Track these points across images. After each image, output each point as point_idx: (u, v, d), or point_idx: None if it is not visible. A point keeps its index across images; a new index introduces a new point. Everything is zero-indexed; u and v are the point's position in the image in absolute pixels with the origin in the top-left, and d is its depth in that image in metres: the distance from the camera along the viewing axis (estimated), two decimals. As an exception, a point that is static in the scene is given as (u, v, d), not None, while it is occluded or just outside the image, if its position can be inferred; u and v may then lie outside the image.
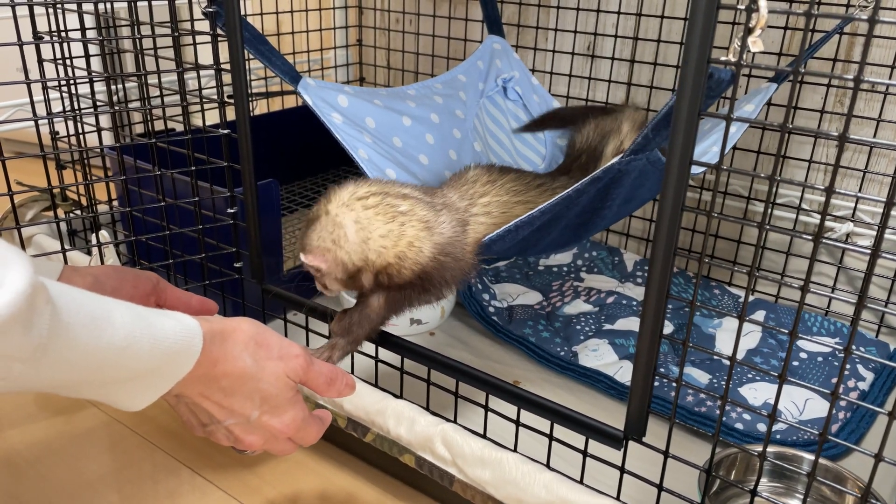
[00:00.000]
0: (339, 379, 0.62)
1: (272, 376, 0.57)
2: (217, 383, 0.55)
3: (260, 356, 0.56)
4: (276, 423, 0.58)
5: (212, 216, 0.85)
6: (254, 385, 0.56)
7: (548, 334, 1.01)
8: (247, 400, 0.56)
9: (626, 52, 1.20)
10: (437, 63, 1.38)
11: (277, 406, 0.58)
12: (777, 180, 0.48)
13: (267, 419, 0.58)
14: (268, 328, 0.59)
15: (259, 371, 0.56)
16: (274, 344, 0.58)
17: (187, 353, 0.51)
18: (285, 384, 0.58)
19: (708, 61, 0.48)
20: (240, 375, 0.55)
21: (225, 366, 0.54)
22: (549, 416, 0.65)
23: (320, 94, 0.89)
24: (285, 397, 0.58)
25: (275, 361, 0.57)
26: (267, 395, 0.57)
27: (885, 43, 0.98)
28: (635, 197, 0.84)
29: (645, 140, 0.68)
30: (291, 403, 0.59)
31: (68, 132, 0.98)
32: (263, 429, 0.58)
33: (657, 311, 0.56)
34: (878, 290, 1.04)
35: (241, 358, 0.55)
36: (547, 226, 0.77)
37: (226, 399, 0.55)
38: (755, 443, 0.80)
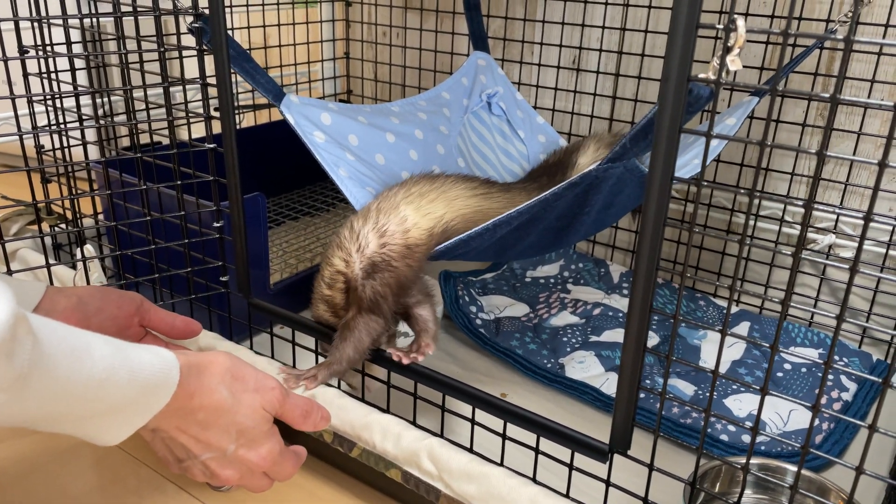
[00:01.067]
0: (314, 412, 0.63)
1: (248, 409, 0.57)
2: (193, 416, 0.55)
3: (236, 389, 0.57)
4: (253, 456, 0.58)
5: (198, 230, 0.85)
6: (230, 418, 0.56)
7: (534, 346, 1.01)
8: (223, 433, 0.56)
9: (610, 65, 1.21)
10: (424, 76, 1.39)
11: (254, 439, 0.58)
12: (758, 196, 0.49)
13: (243, 452, 0.58)
14: (243, 361, 0.59)
15: (235, 404, 0.56)
16: (250, 376, 0.58)
17: (164, 385, 0.52)
18: (262, 417, 0.58)
19: (688, 79, 0.48)
20: (216, 408, 0.55)
21: (202, 398, 0.54)
22: (534, 430, 0.66)
23: (303, 111, 0.89)
24: (261, 430, 0.58)
25: (251, 394, 0.58)
26: (243, 427, 0.57)
27: (864, 57, 0.99)
28: (614, 203, 0.85)
29: (622, 149, 0.69)
30: (267, 436, 0.59)
31: (53, 146, 0.97)
32: (240, 462, 0.58)
33: (641, 324, 0.56)
34: (861, 301, 1.06)
35: (217, 391, 0.55)
36: (525, 227, 0.78)
37: (202, 432, 0.56)
38: (740, 454, 0.81)
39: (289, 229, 1.33)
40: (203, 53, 0.77)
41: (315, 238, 1.29)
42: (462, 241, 0.76)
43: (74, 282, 0.90)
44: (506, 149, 1.18)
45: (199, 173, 0.82)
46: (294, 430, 0.65)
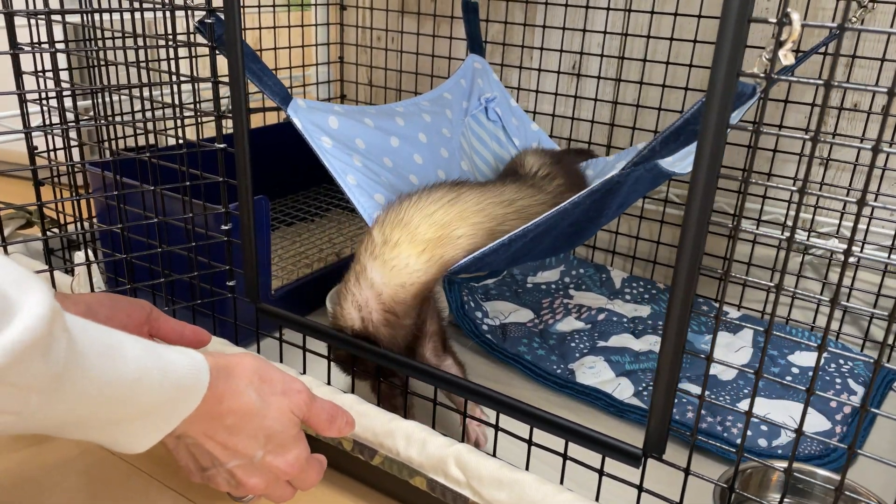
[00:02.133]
0: (339, 416, 0.61)
1: (277, 412, 0.55)
2: (222, 421, 0.53)
3: (264, 391, 0.55)
4: (281, 462, 0.56)
5: (204, 233, 0.83)
6: (259, 422, 0.54)
7: (543, 352, 1.00)
8: (251, 439, 0.54)
9: (611, 71, 1.21)
10: (421, 81, 1.38)
11: (282, 444, 0.56)
12: (761, 185, 0.49)
13: (271, 459, 0.56)
14: (269, 362, 0.57)
15: (264, 407, 0.54)
16: (277, 379, 0.57)
17: (195, 387, 0.50)
18: (290, 420, 0.56)
19: (737, 74, 0.48)
20: (245, 412, 0.53)
21: (231, 402, 0.52)
22: (564, 435, 0.64)
23: (310, 116, 0.87)
24: (290, 434, 0.56)
25: (279, 397, 0.56)
26: (272, 432, 0.55)
27: (867, 63, 1.00)
28: (627, 201, 0.85)
29: (651, 152, 0.68)
30: (295, 441, 0.57)
31: (48, 147, 0.94)
32: (267, 469, 0.56)
33: (680, 328, 0.55)
34: (863, 306, 1.06)
35: (245, 394, 0.53)
36: (540, 236, 0.77)
37: (230, 438, 0.53)
38: (755, 458, 0.80)
39: (284, 234, 1.31)
40: (215, 50, 0.74)
41: (311, 244, 1.27)
42: (477, 259, 0.75)
43: (72, 288, 0.86)
44: (501, 156, 1.17)
45: (208, 174, 0.80)
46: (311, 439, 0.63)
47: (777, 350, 1.02)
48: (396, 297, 0.73)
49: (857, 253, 0.47)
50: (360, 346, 0.73)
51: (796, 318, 1.10)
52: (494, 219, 0.80)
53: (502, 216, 0.81)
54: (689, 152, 0.85)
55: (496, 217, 0.81)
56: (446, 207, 0.78)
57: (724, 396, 0.92)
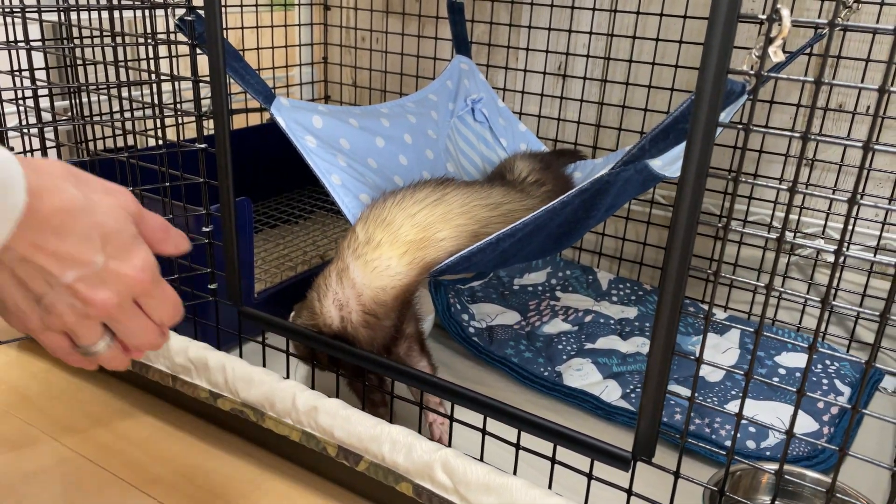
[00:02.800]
0: (173, 228, 0.53)
1: (107, 207, 0.47)
2: (47, 223, 0.43)
3: (84, 190, 0.46)
4: (129, 268, 0.47)
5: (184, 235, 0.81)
6: (89, 219, 0.45)
7: (530, 355, 0.99)
8: (86, 240, 0.45)
9: (597, 71, 1.21)
10: (406, 82, 1.37)
11: (123, 246, 0.47)
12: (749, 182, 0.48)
13: (116, 265, 0.46)
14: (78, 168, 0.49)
15: (90, 203, 0.46)
16: (94, 180, 0.48)
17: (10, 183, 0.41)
18: (124, 217, 0.48)
19: (727, 72, 0.47)
20: (71, 209, 0.44)
21: (52, 199, 0.43)
22: (552, 439, 0.63)
23: (294, 115, 0.86)
24: (129, 233, 0.48)
25: (102, 195, 0.47)
26: (107, 230, 0.46)
27: (852, 64, 1.00)
28: (616, 203, 0.84)
29: (640, 151, 0.67)
30: (137, 243, 0.48)
31: (24, 148, 0.92)
32: (114, 278, 0.47)
33: (669, 331, 0.54)
34: (850, 307, 1.06)
35: (64, 188, 0.44)
36: (528, 237, 0.76)
37: (62, 243, 0.44)
38: (745, 460, 0.80)
39: (268, 236, 1.29)
40: (195, 49, 0.73)
41: (295, 246, 1.25)
42: (464, 258, 0.74)
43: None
44: (489, 157, 1.16)
45: (188, 175, 0.78)
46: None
47: (764, 351, 1.02)
48: (377, 298, 0.72)
49: (847, 253, 0.47)
50: (344, 349, 0.72)
51: (783, 319, 1.10)
52: (479, 221, 0.79)
53: (487, 219, 0.80)
54: (678, 155, 0.85)
55: (481, 220, 0.79)
56: (430, 208, 0.77)
57: (711, 398, 0.91)
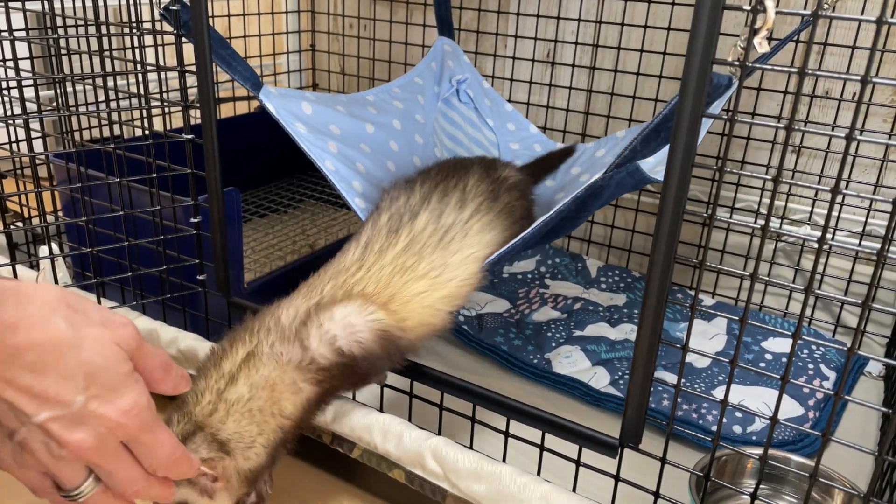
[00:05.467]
0: (174, 367, 0.49)
1: (97, 343, 0.43)
2: (20, 358, 0.40)
3: (76, 321, 0.42)
4: (111, 410, 0.43)
5: (173, 226, 0.81)
6: (74, 357, 0.42)
7: (519, 342, 1.00)
8: (66, 380, 0.41)
9: (585, 59, 1.21)
10: (394, 69, 1.36)
11: (109, 385, 0.43)
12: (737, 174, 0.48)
13: (97, 406, 0.42)
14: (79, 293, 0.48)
15: (78, 338, 0.42)
16: (92, 309, 0.44)
17: None
18: (116, 354, 0.44)
19: (712, 62, 0.47)
20: (53, 344, 0.41)
21: (30, 332, 0.40)
22: (541, 426, 0.64)
23: (283, 102, 0.85)
24: (119, 372, 0.43)
25: (97, 328, 0.43)
26: (93, 369, 0.42)
27: (838, 51, 1.01)
28: (607, 202, 0.84)
29: (632, 153, 0.67)
30: (128, 382, 0.44)
31: (9, 139, 0.91)
32: (94, 420, 0.43)
33: (655, 319, 0.55)
34: (835, 292, 1.08)
35: (50, 322, 0.41)
36: (523, 246, 0.77)
37: (37, 381, 0.41)
38: (732, 444, 0.81)
39: (256, 226, 1.29)
40: (181, 38, 0.73)
41: (285, 235, 1.25)
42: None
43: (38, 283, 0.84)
44: (476, 137, 1.16)
45: (176, 166, 0.78)
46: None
47: (751, 337, 1.03)
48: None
49: (831, 241, 0.47)
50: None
51: (769, 305, 1.11)
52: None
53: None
54: None
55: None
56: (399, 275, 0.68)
57: (699, 383, 0.92)
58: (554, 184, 1.05)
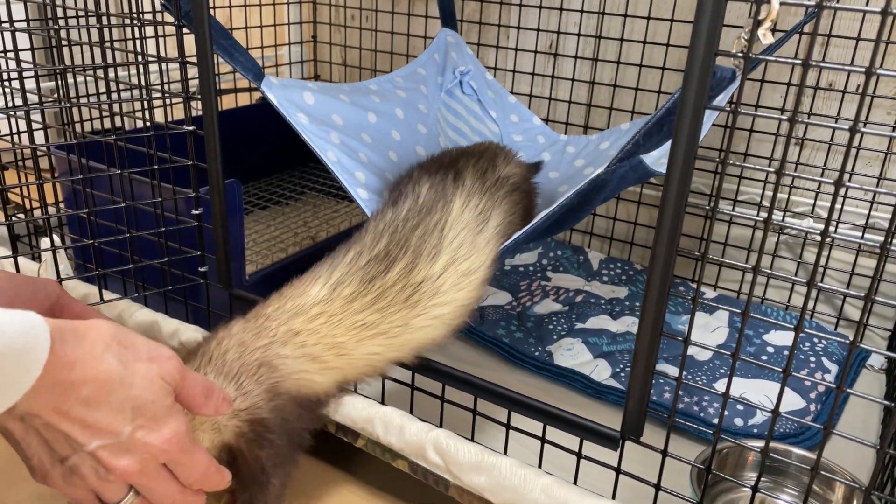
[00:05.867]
0: (216, 391, 0.53)
1: (145, 379, 0.47)
2: (76, 393, 0.44)
3: (126, 357, 0.47)
4: (155, 438, 0.48)
5: (174, 218, 0.81)
6: (124, 392, 0.46)
7: (521, 335, 1.00)
8: (116, 412, 0.46)
9: (588, 50, 1.20)
10: (396, 61, 1.35)
11: (154, 417, 0.48)
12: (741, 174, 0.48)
13: (142, 435, 0.47)
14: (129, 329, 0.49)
15: (128, 374, 0.46)
16: (141, 345, 0.49)
17: (32, 350, 0.40)
18: (161, 388, 0.48)
19: (715, 54, 0.47)
20: (105, 380, 0.45)
21: (85, 369, 0.44)
22: (542, 419, 0.64)
23: (285, 93, 0.85)
24: (163, 405, 0.48)
25: (145, 363, 0.48)
26: (141, 403, 0.47)
27: (843, 43, 1.00)
28: (610, 196, 0.84)
29: (635, 147, 0.67)
30: (170, 413, 0.49)
31: (11, 131, 0.91)
32: (139, 448, 0.48)
33: (657, 311, 0.55)
34: (837, 285, 1.07)
35: (103, 359, 0.45)
36: (527, 239, 0.77)
37: (90, 413, 0.45)
38: (733, 437, 0.81)
39: (258, 218, 1.29)
40: (182, 28, 0.72)
41: (286, 228, 1.25)
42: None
43: (39, 275, 0.84)
44: (479, 129, 1.16)
45: (177, 158, 0.77)
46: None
47: (752, 330, 1.02)
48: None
49: (833, 234, 0.47)
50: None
51: (771, 298, 1.11)
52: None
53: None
54: None
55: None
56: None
57: (700, 376, 0.92)
58: (558, 175, 1.05)
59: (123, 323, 0.81)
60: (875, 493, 0.50)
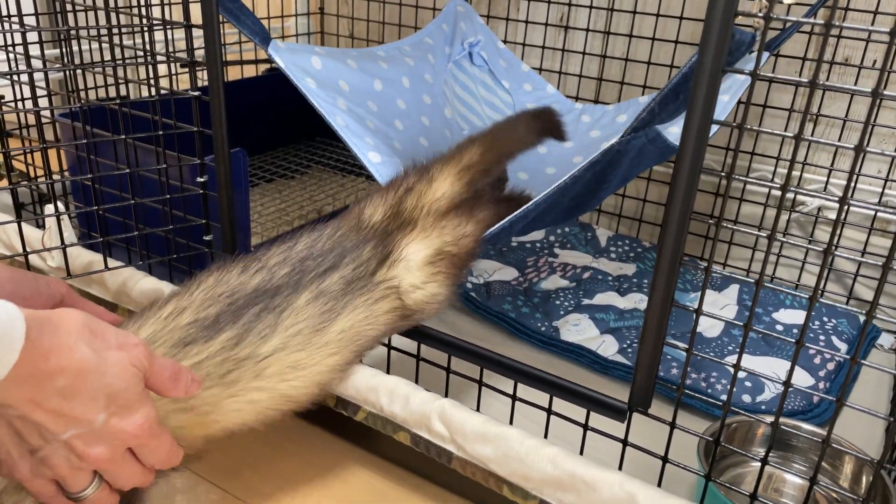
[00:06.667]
0: (183, 374, 0.53)
1: (117, 367, 0.47)
2: (52, 383, 0.44)
3: (98, 346, 0.47)
4: (127, 425, 0.48)
5: (179, 186, 0.80)
6: (98, 381, 0.46)
7: (527, 310, 0.99)
8: (91, 401, 0.46)
9: (600, 23, 1.18)
10: (405, 33, 1.33)
11: (126, 404, 0.48)
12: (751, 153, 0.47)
13: (115, 422, 0.48)
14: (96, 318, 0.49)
15: (101, 363, 0.46)
16: (110, 332, 0.49)
17: (7, 339, 0.41)
18: (133, 375, 0.48)
19: (735, 13, 0.46)
20: (80, 370, 0.45)
21: (61, 359, 0.44)
22: (548, 390, 0.63)
23: (292, 57, 0.84)
24: (135, 392, 0.49)
25: (116, 351, 0.48)
26: (114, 391, 0.47)
27: (859, 17, 0.98)
28: (632, 173, 0.82)
29: (650, 115, 0.66)
30: (141, 400, 0.50)
31: (15, 97, 0.90)
32: (112, 435, 0.48)
33: (669, 279, 0.54)
34: (849, 265, 1.06)
35: (77, 348, 0.45)
36: (542, 214, 0.75)
37: (65, 403, 0.45)
38: (743, 412, 0.80)
39: (264, 191, 1.28)
40: (186, -9, 0.71)
41: (292, 200, 1.24)
42: (484, 240, 0.72)
43: (43, 242, 0.83)
44: (490, 100, 1.14)
45: (182, 124, 0.76)
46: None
47: (762, 308, 1.01)
48: None
49: (851, 201, 0.46)
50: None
51: (781, 277, 1.10)
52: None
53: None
54: None
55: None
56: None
57: (708, 353, 0.91)
58: (572, 145, 1.03)
59: (128, 291, 0.81)
60: (886, 466, 0.49)
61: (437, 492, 0.73)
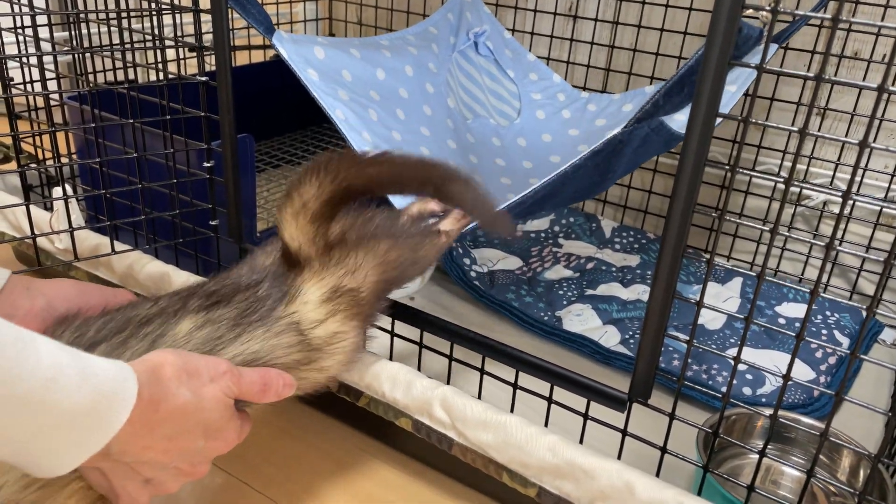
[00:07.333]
0: (273, 382, 0.57)
1: (212, 402, 0.53)
2: (161, 430, 0.49)
3: (194, 386, 0.52)
4: (222, 445, 0.55)
5: (185, 170, 0.80)
6: (197, 416, 0.52)
7: (530, 299, 0.99)
8: (191, 435, 0.52)
9: (608, 13, 1.18)
10: (412, 20, 1.33)
11: (220, 427, 0.54)
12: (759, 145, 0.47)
13: (213, 444, 0.54)
14: (189, 352, 0.53)
15: (199, 402, 0.52)
16: (202, 367, 0.53)
17: (121, 396, 0.45)
18: (225, 405, 0.54)
19: (743, 6, 0.46)
20: (183, 413, 0.50)
21: (168, 407, 0.49)
22: (549, 379, 0.64)
23: (295, 48, 0.84)
24: (226, 417, 0.55)
25: (209, 386, 0.53)
26: (209, 422, 0.53)
27: (869, 10, 0.98)
28: (636, 162, 0.82)
29: (654, 107, 0.66)
30: (231, 420, 0.55)
31: (24, 80, 0.91)
32: (211, 453, 0.55)
33: (671, 271, 0.54)
34: (853, 259, 1.06)
35: (179, 394, 0.50)
36: (540, 202, 0.75)
37: (172, 443, 0.50)
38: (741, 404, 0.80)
39: (270, 177, 1.28)
40: (195, -23, 0.71)
41: (298, 187, 1.24)
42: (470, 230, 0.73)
43: (51, 224, 0.84)
44: (495, 90, 1.14)
45: (189, 109, 0.77)
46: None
47: (764, 301, 1.02)
48: None
49: (855, 195, 0.46)
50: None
51: (785, 270, 1.10)
52: None
53: None
54: None
55: None
56: None
57: (710, 345, 0.92)
58: (577, 133, 1.03)
59: (134, 274, 0.82)
60: (884, 460, 0.49)
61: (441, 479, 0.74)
